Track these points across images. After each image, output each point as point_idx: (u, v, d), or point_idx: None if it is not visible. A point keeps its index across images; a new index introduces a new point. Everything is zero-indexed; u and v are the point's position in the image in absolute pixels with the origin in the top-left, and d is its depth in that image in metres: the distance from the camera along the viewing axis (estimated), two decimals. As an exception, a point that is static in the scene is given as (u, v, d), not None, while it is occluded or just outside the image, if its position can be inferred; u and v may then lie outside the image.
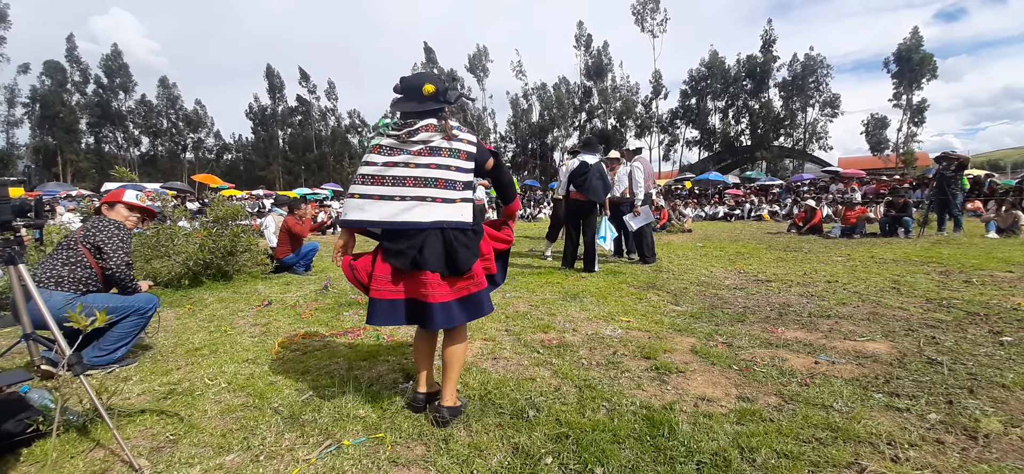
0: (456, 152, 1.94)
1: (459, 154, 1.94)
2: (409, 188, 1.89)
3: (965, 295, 4.02)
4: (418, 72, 2.02)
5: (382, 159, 1.93)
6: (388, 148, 1.95)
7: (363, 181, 1.93)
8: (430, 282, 1.87)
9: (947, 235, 8.83)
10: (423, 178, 1.89)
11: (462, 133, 1.98)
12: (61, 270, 2.78)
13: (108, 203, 3.14)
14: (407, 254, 1.89)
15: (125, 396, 2.39)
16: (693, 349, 2.88)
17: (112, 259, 2.88)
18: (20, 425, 1.85)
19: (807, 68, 40.81)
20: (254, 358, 2.94)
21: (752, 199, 21.02)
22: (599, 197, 5.71)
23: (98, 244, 2.88)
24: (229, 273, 5.81)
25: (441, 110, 1.97)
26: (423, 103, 1.94)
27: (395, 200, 1.89)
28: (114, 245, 2.91)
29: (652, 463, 1.68)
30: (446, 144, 1.93)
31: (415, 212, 1.88)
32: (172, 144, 49.26)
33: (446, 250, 1.90)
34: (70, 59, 42.00)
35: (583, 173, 5.64)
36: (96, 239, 2.89)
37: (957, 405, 2.04)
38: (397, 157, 1.92)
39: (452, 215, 1.90)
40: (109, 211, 3.09)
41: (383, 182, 1.91)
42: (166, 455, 1.84)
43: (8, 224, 1.90)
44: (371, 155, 1.97)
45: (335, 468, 1.72)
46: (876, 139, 39.42)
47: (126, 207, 3.13)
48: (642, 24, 44.58)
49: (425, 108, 1.94)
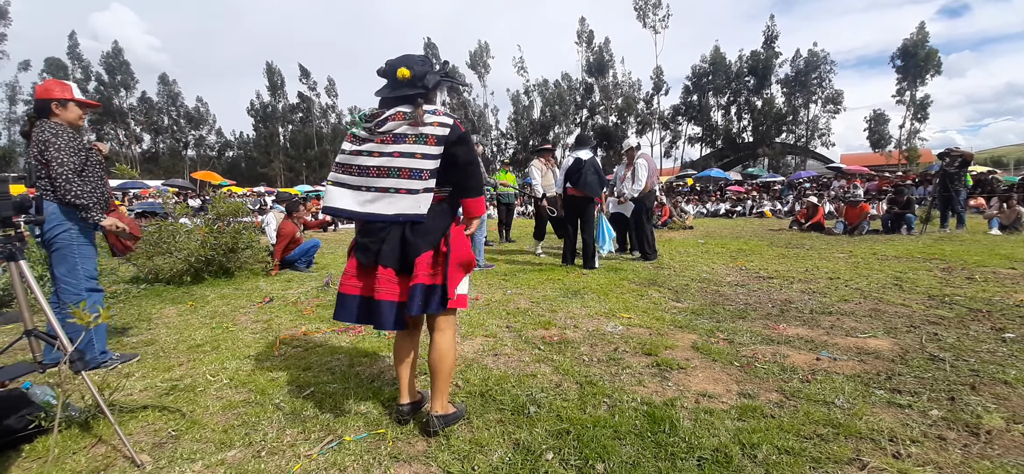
0: (423, 137, 1.77)
1: (426, 139, 1.77)
2: (373, 178, 1.80)
3: (967, 292, 4.01)
4: (401, 55, 1.89)
5: (351, 147, 1.85)
6: (359, 138, 1.86)
7: (335, 168, 1.88)
8: (384, 278, 1.78)
9: (950, 232, 8.80)
10: (387, 168, 1.78)
11: (434, 117, 1.78)
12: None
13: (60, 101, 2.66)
14: (370, 249, 1.82)
15: (127, 392, 2.39)
16: (694, 346, 2.87)
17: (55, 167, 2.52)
18: (22, 421, 1.85)
19: (810, 64, 40.68)
20: (256, 354, 2.94)
21: (754, 196, 20.97)
22: (595, 192, 5.74)
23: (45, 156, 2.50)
24: (231, 270, 5.82)
25: (417, 96, 1.81)
26: (396, 89, 1.83)
27: (360, 190, 1.81)
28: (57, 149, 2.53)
29: (653, 459, 1.68)
30: (412, 130, 1.77)
31: (379, 204, 1.80)
32: (173, 141, 49.34)
33: (401, 244, 1.80)
34: (72, 56, 42.06)
35: (578, 170, 5.66)
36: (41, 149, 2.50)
37: (959, 402, 2.03)
38: (363, 146, 1.83)
39: (413, 208, 1.78)
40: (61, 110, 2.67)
41: (350, 171, 1.84)
42: (168, 451, 1.84)
43: (9, 221, 1.90)
44: (344, 143, 1.90)
45: (337, 464, 1.73)
46: (878, 135, 39.27)
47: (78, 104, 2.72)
48: (644, 20, 44.48)
49: (397, 94, 1.82)
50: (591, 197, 5.80)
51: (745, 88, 43.45)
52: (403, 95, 1.82)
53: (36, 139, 2.56)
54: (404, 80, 1.82)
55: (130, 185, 20.50)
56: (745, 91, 43.53)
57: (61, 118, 2.67)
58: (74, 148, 2.62)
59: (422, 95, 1.82)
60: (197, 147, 51.25)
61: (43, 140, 2.55)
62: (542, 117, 48.14)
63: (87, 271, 2.75)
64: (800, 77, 40.93)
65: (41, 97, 2.66)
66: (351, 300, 1.86)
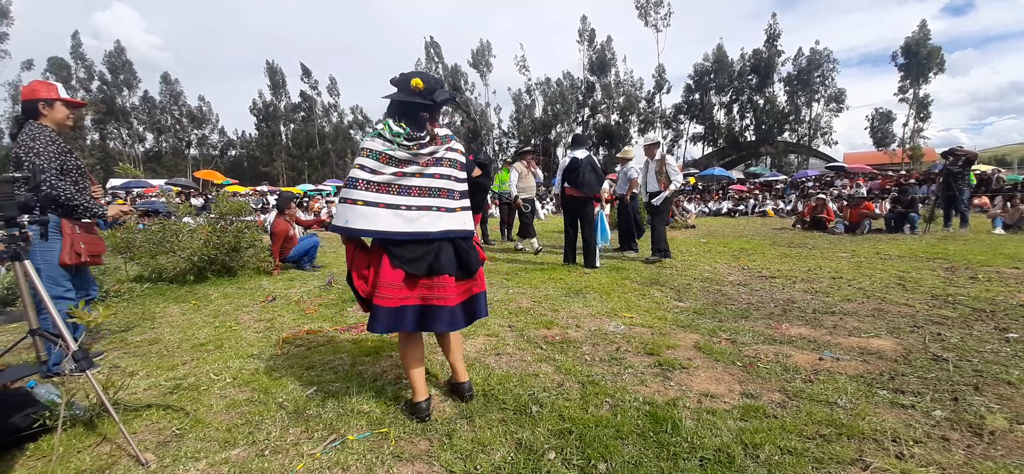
0: (454, 162, 2.03)
1: (455, 164, 2.03)
2: (415, 197, 1.93)
3: (971, 292, 4.00)
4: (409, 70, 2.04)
5: (391, 169, 1.92)
6: (399, 160, 1.92)
7: (367, 188, 1.89)
8: (447, 286, 1.95)
9: (953, 231, 8.77)
10: (427, 188, 1.95)
11: (454, 142, 2.06)
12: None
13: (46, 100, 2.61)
14: (424, 260, 1.93)
15: (131, 391, 2.40)
16: (696, 345, 2.87)
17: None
18: (27, 420, 1.86)
19: (812, 62, 40.47)
20: (259, 353, 2.95)
21: (756, 195, 20.92)
22: (594, 190, 5.72)
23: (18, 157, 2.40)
24: (234, 269, 5.84)
25: (431, 108, 1.97)
26: (413, 95, 1.95)
27: (401, 209, 1.91)
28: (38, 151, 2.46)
29: (655, 459, 1.68)
30: (447, 154, 2.01)
31: (422, 222, 1.93)
32: (176, 140, 49.41)
33: (457, 255, 2.00)
34: (75, 56, 42.15)
35: (575, 169, 5.64)
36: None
37: (962, 402, 2.03)
38: (407, 168, 1.94)
39: (456, 224, 2.00)
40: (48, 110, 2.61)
41: (390, 191, 1.91)
42: (172, 449, 1.85)
43: (13, 221, 1.91)
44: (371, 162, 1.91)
45: (339, 463, 1.73)
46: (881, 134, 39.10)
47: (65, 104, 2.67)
48: (645, 19, 44.29)
49: (415, 100, 1.94)
50: (590, 196, 5.79)
51: (747, 87, 43.28)
52: (418, 103, 1.94)
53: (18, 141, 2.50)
54: (418, 90, 1.94)
55: (134, 184, 20.60)
56: (747, 90, 43.36)
57: (48, 119, 2.63)
58: (54, 151, 2.55)
59: (429, 108, 1.96)
60: (200, 146, 51.34)
61: (21, 142, 2.48)
62: (544, 116, 48.06)
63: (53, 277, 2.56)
64: (802, 75, 40.72)
65: (27, 99, 2.62)
66: (409, 310, 1.95)
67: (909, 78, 37.60)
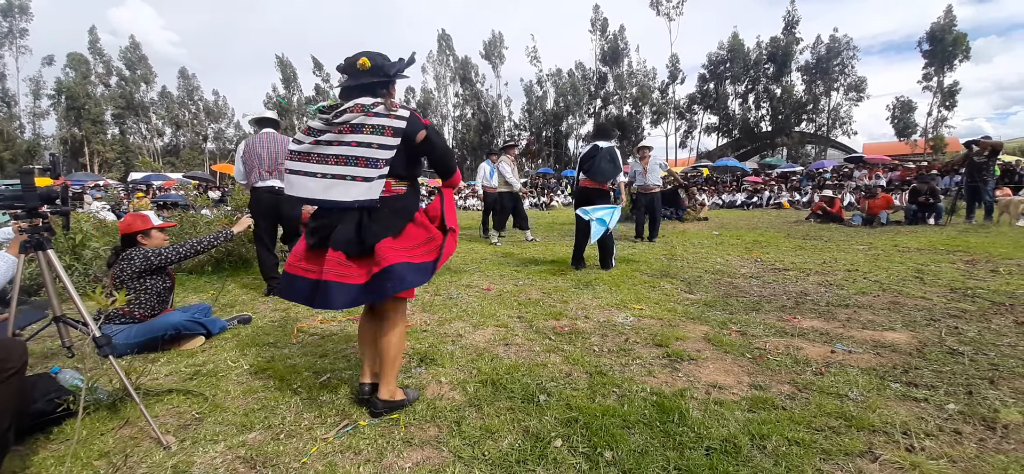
0: (379, 128, 1.85)
1: (384, 130, 1.85)
2: (332, 166, 1.86)
3: (991, 285, 3.90)
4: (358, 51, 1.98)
5: (309, 139, 1.91)
6: (315, 130, 1.92)
7: (292, 158, 1.93)
8: (331, 260, 1.85)
9: (975, 223, 8.55)
10: (345, 156, 1.85)
11: (392, 109, 1.88)
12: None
13: (143, 231, 3.15)
14: (320, 231, 1.93)
15: (153, 377, 2.49)
16: (706, 337, 2.86)
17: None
18: (50, 404, 1.92)
19: (832, 50, 39.47)
20: (274, 342, 3.02)
21: (771, 186, 20.58)
22: (608, 178, 5.34)
23: (157, 264, 3.01)
24: (250, 260, 5.95)
25: (380, 85, 1.95)
26: (358, 78, 1.93)
27: (317, 177, 1.88)
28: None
29: (661, 448, 1.69)
30: (368, 121, 1.85)
31: (336, 190, 1.86)
32: (193, 134, 50.25)
33: (357, 229, 1.88)
34: (93, 51, 42.99)
35: (591, 157, 5.22)
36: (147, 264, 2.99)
37: (977, 395, 2.00)
38: (321, 136, 1.89)
39: (366, 194, 1.85)
40: (145, 240, 3.12)
41: (310, 159, 1.89)
42: (192, 432, 1.92)
43: (36, 211, 1.98)
44: (300, 134, 1.96)
45: (352, 447, 1.78)
46: (903, 123, 38.07)
47: (158, 230, 3.21)
48: (658, 8, 43.66)
49: (360, 82, 1.92)
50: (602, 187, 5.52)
51: (764, 76, 42.39)
52: (364, 83, 1.92)
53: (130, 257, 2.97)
54: (365, 70, 1.93)
55: (154, 177, 21.09)
56: (764, 79, 42.48)
57: (146, 245, 3.07)
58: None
59: (384, 84, 1.96)
60: (216, 140, 52.15)
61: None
62: (555, 107, 47.78)
63: None
64: (821, 64, 39.78)
65: (125, 233, 3.10)
66: (300, 281, 1.96)
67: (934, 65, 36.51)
